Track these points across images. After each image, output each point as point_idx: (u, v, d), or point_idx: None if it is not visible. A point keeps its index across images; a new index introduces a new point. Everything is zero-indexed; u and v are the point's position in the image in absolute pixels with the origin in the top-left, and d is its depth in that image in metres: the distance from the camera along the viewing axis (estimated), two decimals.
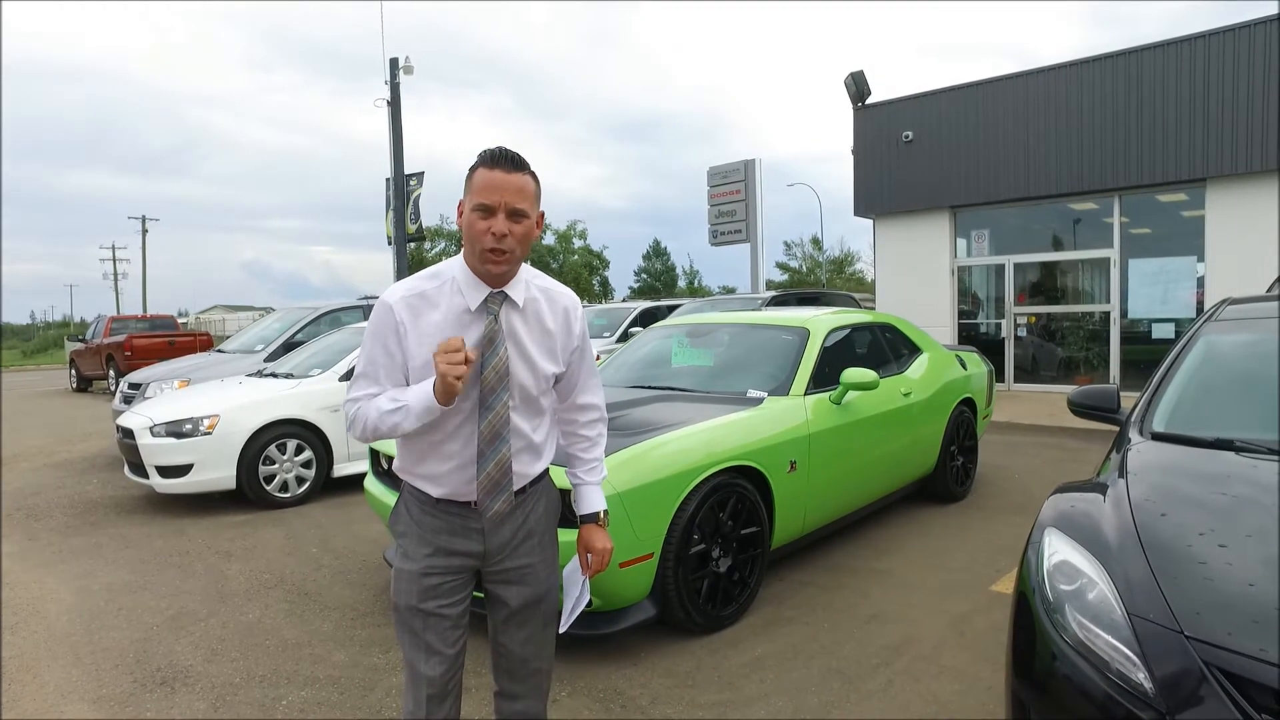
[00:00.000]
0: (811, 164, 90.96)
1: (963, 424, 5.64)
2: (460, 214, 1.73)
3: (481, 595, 1.92)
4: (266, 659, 3.29)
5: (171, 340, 15.73)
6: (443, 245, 39.88)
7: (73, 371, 18.35)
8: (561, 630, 1.99)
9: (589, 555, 1.96)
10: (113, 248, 53.20)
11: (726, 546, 3.52)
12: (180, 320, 30.82)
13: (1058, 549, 1.96)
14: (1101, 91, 10.79)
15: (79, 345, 18.51)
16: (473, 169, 1.70)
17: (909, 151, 12.63)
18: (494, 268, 1.69)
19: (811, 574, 4.14)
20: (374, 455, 4.17)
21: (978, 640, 3.30)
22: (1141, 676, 1.59)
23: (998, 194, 11.84)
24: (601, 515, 1.99)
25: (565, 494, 2.09)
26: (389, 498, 3.79)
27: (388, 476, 3.99)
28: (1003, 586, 3.88)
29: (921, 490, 5.41)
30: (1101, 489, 2.19)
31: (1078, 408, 2.97)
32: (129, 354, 14.92)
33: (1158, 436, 2.51)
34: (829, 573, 4.16)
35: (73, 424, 11.29)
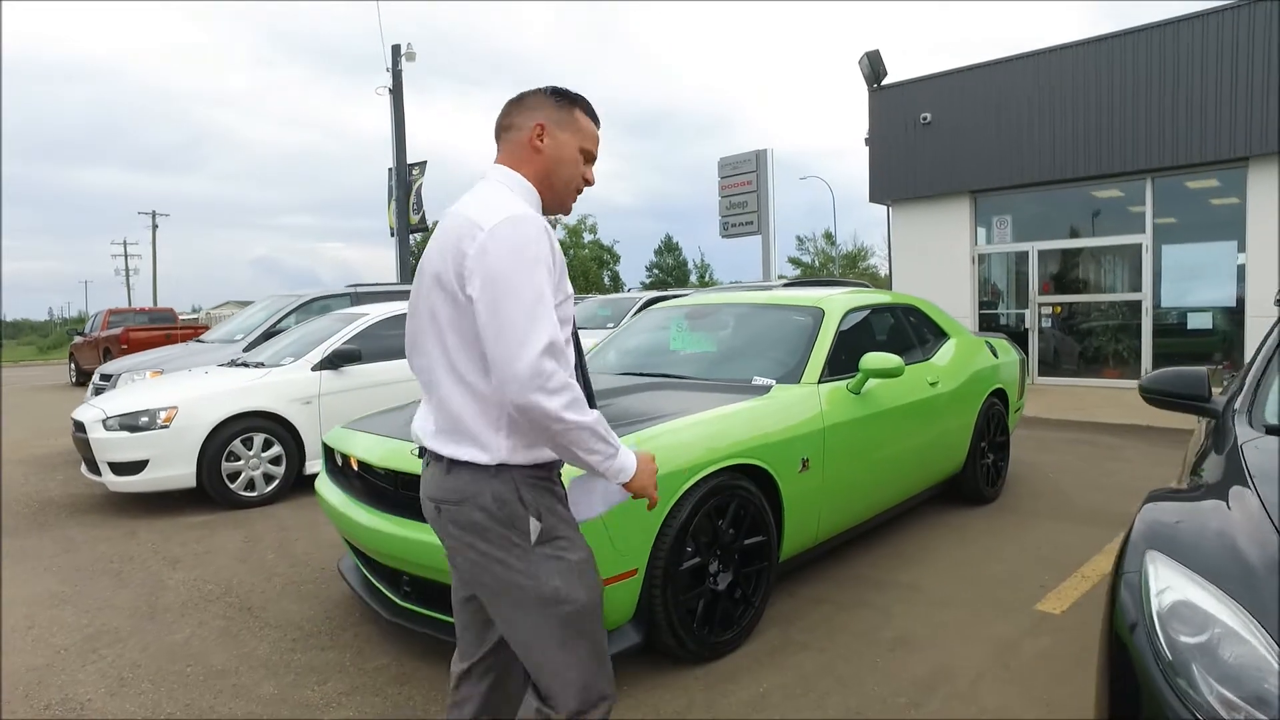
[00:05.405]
0: (822, 159, 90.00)
1: (994, 418, 5.08)
2: (542, 135, 1.65)
3: None
4: (181, 691, 2.80)
5: (169, 333, 15.37)
6: None
7: (72, 365, 18.04)
8: None
9: None
10: (124, 243, 53.21)
11: (726, 559, 3.00)
12: (193, 315, 30.52)
13: (1170, 582, 1.43)
14: (1132, 67, 10.14)
15: (79, 339, 18.23)
16: (582, 110, 1.70)
17: (927, 134, 12.03)
18: (572, 204, 1.74)
19: (826, 590, 3.61)
20: (328, 452, 3.68)
21: (1026, 673, 2.77)
22: None
23: (1021, 177, 11.21)
24: None
25: None
26: (344, 504, 3.30)
27: (342, 475, 3.50)
28: (1051, 605, 3.34)
29: (948, 491, 4.87)
30: (1219, 496, 1.65)
31: (1154, 395, 2.43)
32: (125, 347, 14.58)
33: (1272, 430, 1.97)
34: (847, 588, 3.63)
35: (56, 418, 10.88)
